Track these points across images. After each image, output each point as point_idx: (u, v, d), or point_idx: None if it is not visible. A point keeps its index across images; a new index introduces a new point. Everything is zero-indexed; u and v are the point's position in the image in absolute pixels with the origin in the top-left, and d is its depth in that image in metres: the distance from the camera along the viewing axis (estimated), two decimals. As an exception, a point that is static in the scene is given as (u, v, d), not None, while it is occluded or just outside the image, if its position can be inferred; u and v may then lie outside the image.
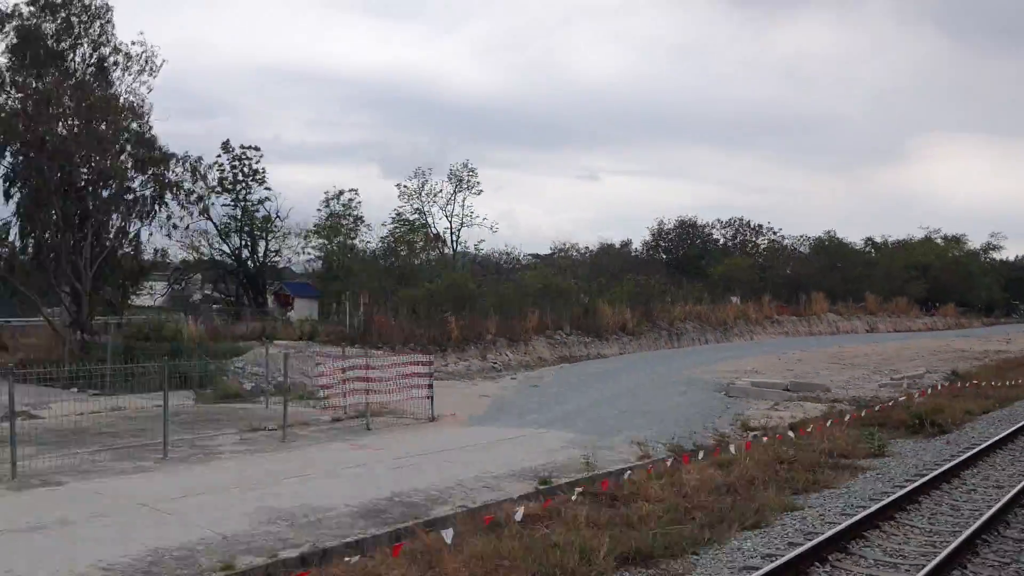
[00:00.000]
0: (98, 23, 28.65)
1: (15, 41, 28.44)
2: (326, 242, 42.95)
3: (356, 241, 44.08)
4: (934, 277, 69.29)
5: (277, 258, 42.91)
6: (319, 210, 43.91)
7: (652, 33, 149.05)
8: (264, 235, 41.58)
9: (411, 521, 9.89)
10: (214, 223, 40.03)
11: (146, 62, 28.86)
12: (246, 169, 40.29)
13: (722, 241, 62.41)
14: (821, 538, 9.02)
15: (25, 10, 28.25)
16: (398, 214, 47.83)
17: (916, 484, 11.60)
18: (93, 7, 28.62)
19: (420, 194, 48.37)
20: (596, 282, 39.24)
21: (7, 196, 28.28)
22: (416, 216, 48.31)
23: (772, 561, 8.34)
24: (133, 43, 29.03)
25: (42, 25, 28.53)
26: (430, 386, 18.30)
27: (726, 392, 22.40)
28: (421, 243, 46.75)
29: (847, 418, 17.29)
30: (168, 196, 29.46)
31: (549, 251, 59.61)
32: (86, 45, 28.94)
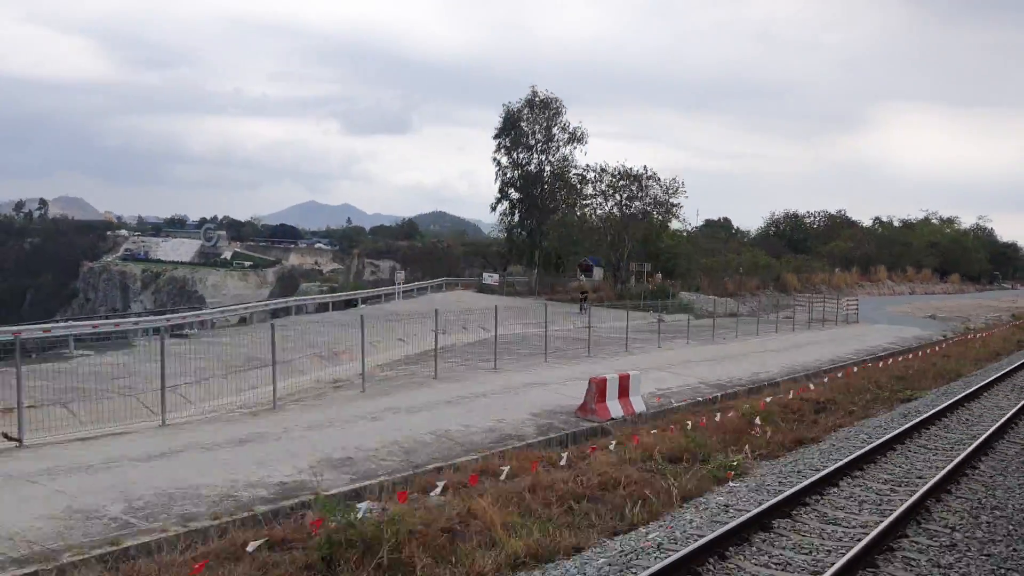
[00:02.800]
0: (553, 110, 51.83)
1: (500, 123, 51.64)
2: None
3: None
4: (941, 252, 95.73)
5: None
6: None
7: None
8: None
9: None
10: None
11: (578, 136, 52.28)
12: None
13: (816, 225, 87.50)
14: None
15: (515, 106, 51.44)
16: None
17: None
18: (552, 103, 51.85)
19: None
20: (781, 259, 63.63)
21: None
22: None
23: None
24: (575, 125, 52.46)
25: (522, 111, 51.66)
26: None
27: (932, 316, 47.28)
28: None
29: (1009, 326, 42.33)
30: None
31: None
32: (545, 122, 52.15)
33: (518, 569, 8.48)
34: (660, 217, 52.32)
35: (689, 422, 15.23)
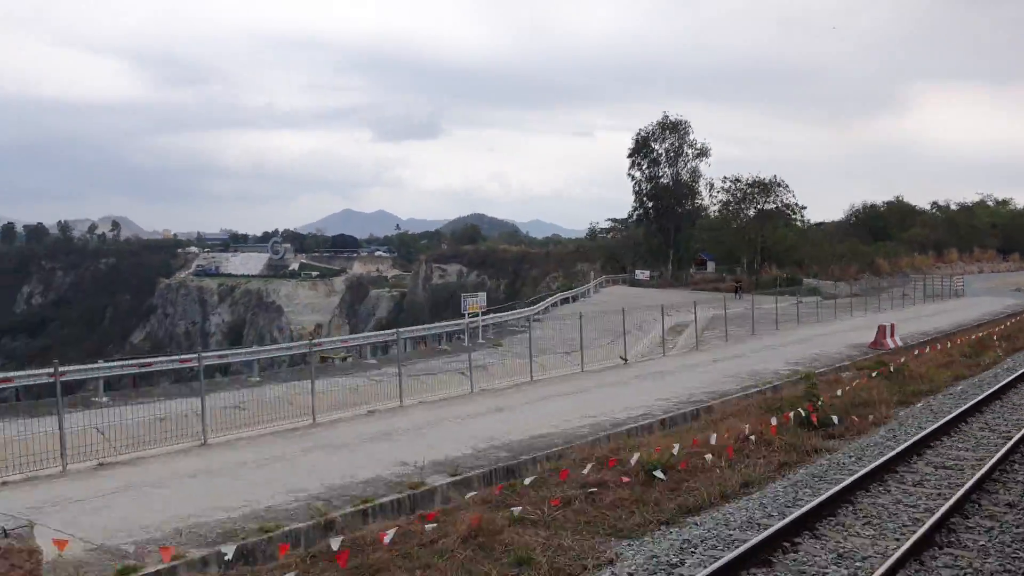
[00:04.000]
0: (682, 130, 59.73)
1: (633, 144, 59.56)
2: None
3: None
4: (1002, 232, 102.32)
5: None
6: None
7: None
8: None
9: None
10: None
11: (704, 151, 60.15)
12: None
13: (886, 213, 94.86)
14: None
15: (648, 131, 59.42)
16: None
17: None
18: (680, 124, 59.77)
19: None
20: (875, 244, 71.04)
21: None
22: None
23: None
24: (700, 142, 60.36)
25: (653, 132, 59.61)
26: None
27: (1018, 289, 54.64)
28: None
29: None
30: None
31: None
32: (671, 141, 60.07)
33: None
34: (790, 216, 60.54)
35: (940, 345, 23.60)
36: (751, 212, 60.36)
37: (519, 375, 22.08)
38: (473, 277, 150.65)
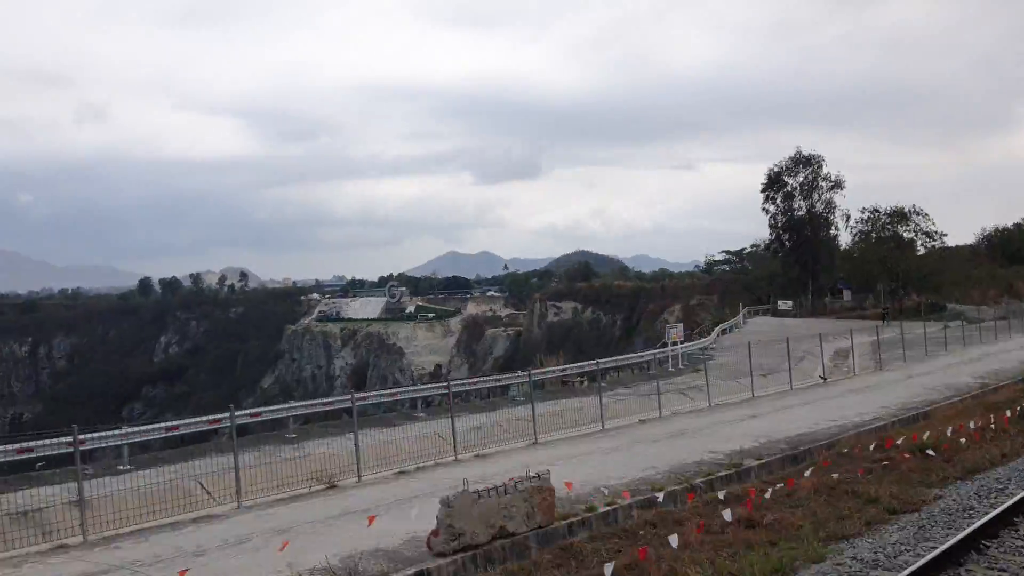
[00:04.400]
0: (816, 163, 62.89)
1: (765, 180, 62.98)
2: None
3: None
4: None
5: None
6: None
7: (746, 16, 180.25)
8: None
9: None
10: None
11: (838, 184, 63.13)
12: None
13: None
14: None
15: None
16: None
17: None
18: (814, 159, 63.00)
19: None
20: (1012, 268, 71.88)
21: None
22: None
23: None
24: (834, 175, 63.41)
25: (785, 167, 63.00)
26: None
27: None
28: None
29: None
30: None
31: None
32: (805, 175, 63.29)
33: None
34: (930, 244, 63.12)
35: None
36: (891, 241, 62.84)
37: (738, 393, 26.02)
38: (588, 313, 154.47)
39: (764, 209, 66.80)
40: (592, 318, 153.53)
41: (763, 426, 19.94)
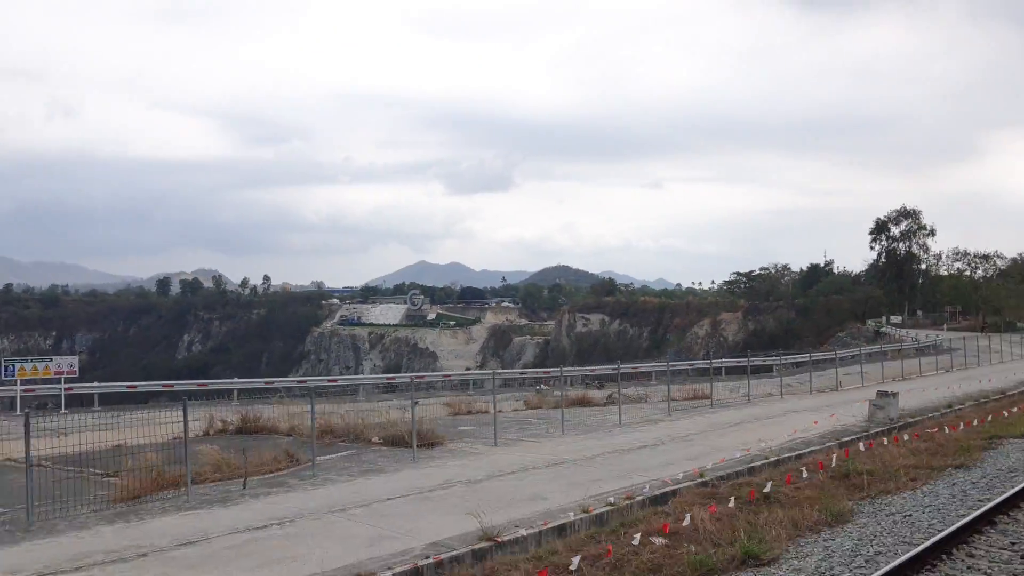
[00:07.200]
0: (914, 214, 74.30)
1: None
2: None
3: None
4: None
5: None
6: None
7: (721, 41, 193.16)
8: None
9: None
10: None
11: (932, 231, 74.69)
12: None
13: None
14: None
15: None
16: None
17: None
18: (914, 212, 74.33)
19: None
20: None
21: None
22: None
23: None
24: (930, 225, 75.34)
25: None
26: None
27: None
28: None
29: None
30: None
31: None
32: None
33: None
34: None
35: None
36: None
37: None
38: (615, 325, 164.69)
39: (871, 247, 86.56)
40: (619, 329, 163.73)
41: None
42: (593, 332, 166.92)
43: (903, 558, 8.78)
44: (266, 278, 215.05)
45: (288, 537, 10.84)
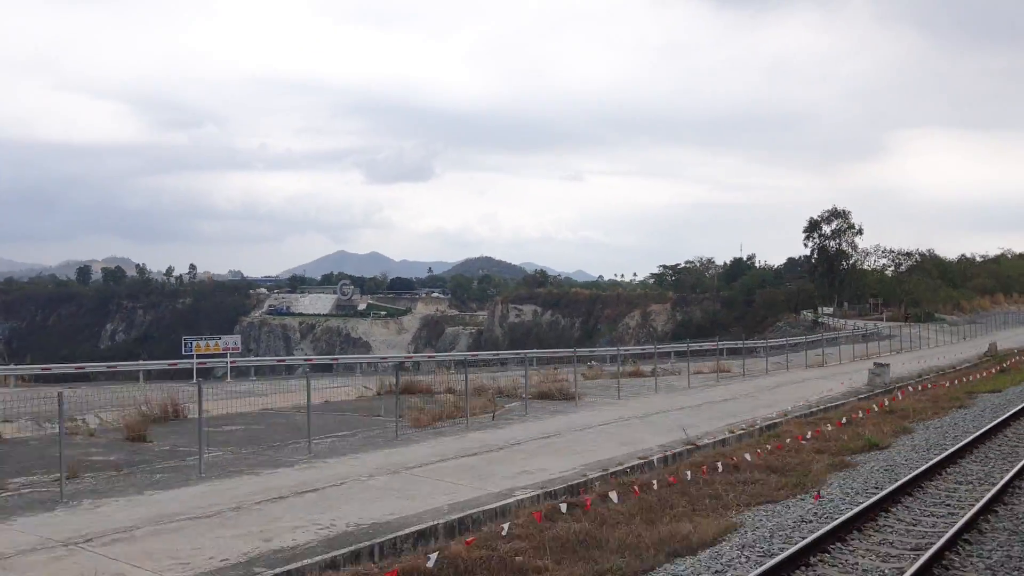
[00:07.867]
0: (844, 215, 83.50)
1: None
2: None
3: None
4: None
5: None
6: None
7: (639, 36, 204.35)
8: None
9: None
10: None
11: (860, 231, 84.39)
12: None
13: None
14: None
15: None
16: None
17: None
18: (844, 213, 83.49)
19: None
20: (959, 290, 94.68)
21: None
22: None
23: None
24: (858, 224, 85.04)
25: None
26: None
27: None
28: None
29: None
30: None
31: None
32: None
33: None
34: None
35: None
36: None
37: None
38: (547, 316, 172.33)
39: (804, 244, 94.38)
40: (551, 320, 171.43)
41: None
42: (525, 323, 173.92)
43: (969, 438, 15.66)
44: (192, 267, 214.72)
45: (568, 443, 16.97)
